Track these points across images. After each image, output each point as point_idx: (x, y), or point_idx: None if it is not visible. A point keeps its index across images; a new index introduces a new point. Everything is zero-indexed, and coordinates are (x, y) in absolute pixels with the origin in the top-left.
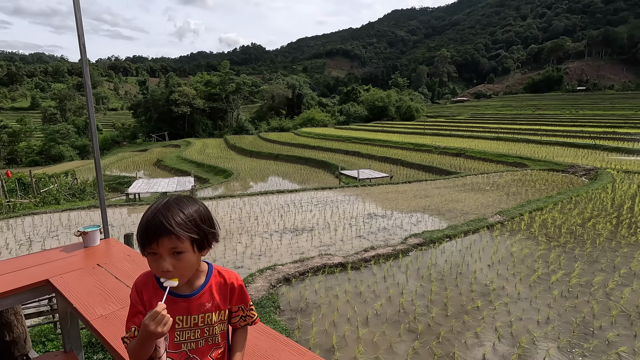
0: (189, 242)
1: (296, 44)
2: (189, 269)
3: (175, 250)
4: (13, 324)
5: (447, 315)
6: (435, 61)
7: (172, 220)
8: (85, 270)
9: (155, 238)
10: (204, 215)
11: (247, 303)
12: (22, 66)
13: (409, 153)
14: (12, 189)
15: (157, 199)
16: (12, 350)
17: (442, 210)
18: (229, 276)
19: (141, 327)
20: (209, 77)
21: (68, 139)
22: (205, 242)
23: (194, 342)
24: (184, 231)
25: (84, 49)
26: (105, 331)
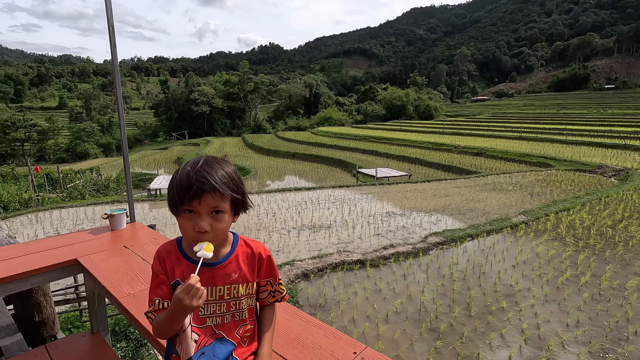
0: (229, 202)
1: (314, 44)
2: (224, 233)
3: (215, 209)
4: (42, 305)
5: (471, 315)
6: (455, 59)
7: (217, 176)
8: (113, 251)
9: (198, 194)
10: (239, 176)
11: (276, 277)
12: (51, 67)
13: (427, 152)
14: (41, 184)
15: (190, 159)
16: (41, 331)
17: (462, 209)
18: (256, 246)
19: (173, 301)
20: (227, 76)
21: (93, 137)
22: (241, 206)
23: (220, 317)
24: (228, 189)
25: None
26: (134, 309)
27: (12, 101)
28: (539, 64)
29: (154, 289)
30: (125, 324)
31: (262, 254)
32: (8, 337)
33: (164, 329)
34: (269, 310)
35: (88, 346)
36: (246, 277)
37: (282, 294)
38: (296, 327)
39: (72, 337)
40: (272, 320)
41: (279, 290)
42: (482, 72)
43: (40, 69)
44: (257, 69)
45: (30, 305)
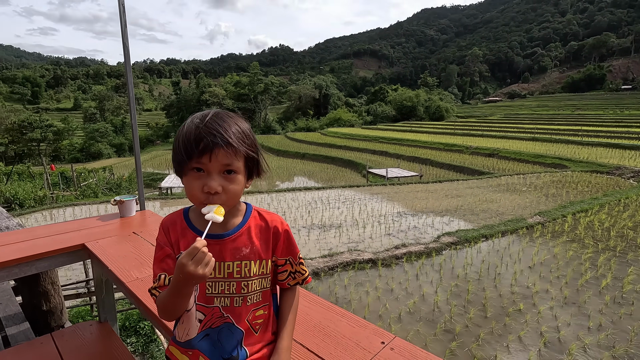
0: (243, 161)
1: (324, 45)
2: (236, 196)
3: (227, 168)
4: (50, 294)
5: (487, 317)
6: (467, 60)
7: (230, 130)
8: (121, 237)
9: (208, 148)
10: (255, 136)
11: (296, 255)
12: (67, 70)
13: (438, 153)
14: (56, 182)
15: (197, 113)
16: (49, 320)
17: (475, 210)
18: (272, 219)
19: (176, 269)
20: (238, 78)
21: (106, 138)
22: (255, 167)
23: (228, 298)
24: (244, 145)
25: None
26: (142, 293)
27: (29, 102)
28: (553, 64)
29: (158, 262)
30: (135, 319)
31: (278, 227)
32: (15, 326)
33: (169, 305)
34: (290, 295)
35: (95, 335)
36: (259, 253)
37: (303, 275)
38: (316, 314)
39: (79, 325)
40: (294, 307)
41: (300, 271)
42: (493, 72)
43: (56, 71)
44: (267, 70)
45: (38, 293)
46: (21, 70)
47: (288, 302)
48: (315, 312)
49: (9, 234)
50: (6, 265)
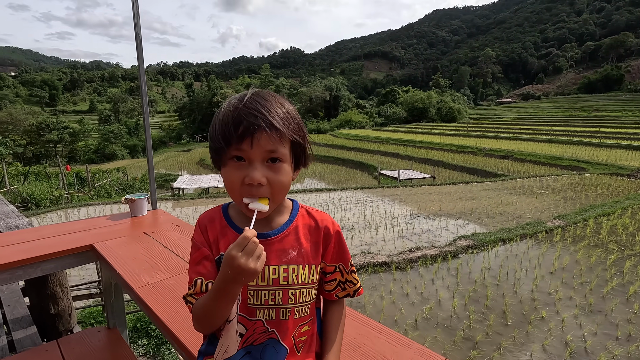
0: (289, 147)
1: (334, 47)
2: (284, 189)
3: (272, 156)
4: (58, 296)
5: (507, 324)
6: (479, 61)
7: (274, 111)
8: (132, 237)
9: (249, 132)
10: (301, 119)
11: (348, 261)
12: (83, 73)
13: (451, 155)
14: (71, 182)
15: (237, 94)
16: (57, 324)
17: (491, 213)
18: (322, 217)
19: (224, 263)
20: (249, 80)
21: (120, 139)
22: (302, 155)
23: (274, 310)
24: (288, 128)
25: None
26: (152, 300)
27: (47, 105)
28: (568, 65)
29: (194, 265)
30: (147, 320)
31: (329, 227)
32: (22, 330)
33: (210, 312)
34: (337, 309)
35: (103, 342)
36: (308, 256)
37: (355, 286)
38: (350, 329)
39: (87, 331)
40: (341, 324)
41: (352, 281)
42: (507, 74)
43: (73, 75)
44: (278, 72)
45: (46, 295)
46: (40, 73)
47: (335, 318)
48: (349, 325)
49: (14, 233)
50: (9, 267)
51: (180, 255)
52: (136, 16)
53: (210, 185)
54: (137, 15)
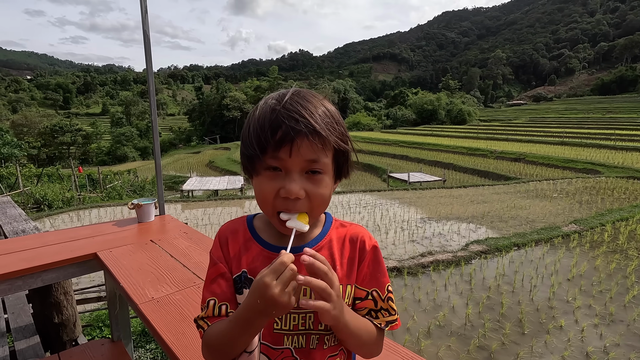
0: (332, 156)
1: (343, 49)
2: (323, 205)
3: (313, 167)
4: (62, 305)
5: (524, 333)
6: (489, 63)
7: (317, 114)
8: (138, 245)
9: (289, 138)
10: (344, 123)
11: (384, 286)
12: (96, 76)
13: (461, 157)
14: (83, 184)
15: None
16: (61, 334)
17: (504, 217)
18: (357, 231)
19: (252, 291)
20: (258, 82)
21: (131, 141)
22: (345, 165)
23: (304, 337)
24: (332, 134)
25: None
26: (156, 318)
27: (61, 108)
28: (581, 66)
29: (209, 283)
30: None
31: (365, 241)
32: (25, 340)
33: (226, 343)
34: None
35: (106, 356)
36: (343, 274)
37: (391, 317)
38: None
39: (90, 344)
40: (368, 334)
41: (389, 310)
42: (518, 75)
43: (86, 78)
44: (287, 75)
45: (50, 304)
46: (54, 77)
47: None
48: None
49: (16, 240)
50: (8, 278)
51: (188, 266)
52: (144, 15)
53: (219, 187)
54: (145, 14)
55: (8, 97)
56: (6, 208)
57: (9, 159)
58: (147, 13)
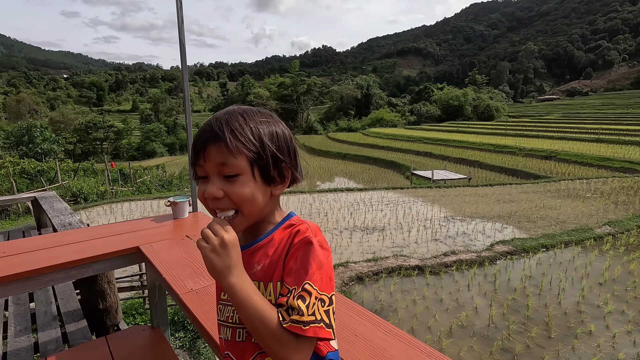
0: (246, 160)
1: (366, 44)
2: (244, 201)
3: (225, 169)
4: (106, 293)
5: (551, 337)
6: (520, 56)
7: (228, 125)
8: (174, 240)
9: (201, 147)
10: (276, 135)
11: (302, 282)
12: (127, 74)
13: (488, 155)
14: (115, 178)
15: None
16: (105, 319)
17: (532, 217)
18: (298, 227)
19: None
20: (282, 79)
21: (160, 137)
22: (272, 170)
23: (230, 329)
24: (238, 141)
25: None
26: (196, 307)
27: (94, 105)
28: (620, 58)
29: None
30: (183, 314)
31: (297, 236)
32: (74, 323)
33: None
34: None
35: (147, 341)
36: (268, 272)
37: (300, 317)
38: (396, 350)
39: (132, 329)
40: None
41: (295, 308)
42: (550, 69)
43: (117, 76)
44: (310, 71)
45: (95, 292)
46: (88, 75)
47: None
48: (394, 347)
49: (68, 233)
50: (65, 267)
51: None
52: (180, 23)
53: None
54: (181, 13)
55: (47, 95)
56: (53, 202)
57: (48, 154)
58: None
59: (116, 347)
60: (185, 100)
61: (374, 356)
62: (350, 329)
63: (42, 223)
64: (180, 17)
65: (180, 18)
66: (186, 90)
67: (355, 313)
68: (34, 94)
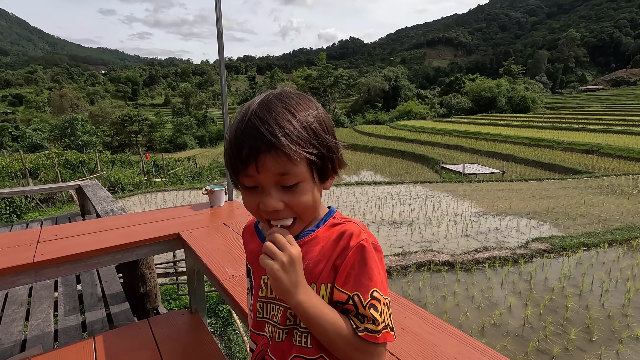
0: (306, 164)
1: (395, 35)
2: (307, 208)
3: (284, 180)
4: (147, 277)
5: (592, 340)
6: (560, 44)
7: (279, 126)
8: (212, 228)
9: (252, 157)
10: (325, 121)
11: (369, 290)
12: (160, 69)
13: (523, 148)
14: (149, 169)
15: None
16: (145, 303)
17: (571, 214)
18: (346, 227)
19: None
20: (309, 71)
21: (190, 130)
22: (329, 165)
23: (274, 328)
24: (297, 145)
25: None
26: (237, 293)
27: (130, 99)
28: None
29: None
30: (214, 301)
31: (351, 239)
32: (117, 305)
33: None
34: None
35: (187, 325)
36: (318, 272)
37: (374, 326)
38: (448, 347)
39: (172, 313)
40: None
41: (369, 317)
42: (594, 57)
43: (151, 71)
44: (337, 63)
45: (137, 276)
46: (124, 71)
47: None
48: (444, 342)
49: (112, 219)
50: (111, 251)
51: None
52: (218, 11)
53: None
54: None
55: (87, 90)
56: (96, 190)
57: (88, 145)
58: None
59: (158, 330)
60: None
61: (424, 351)
62: (397, 323)
63: (86, 210)
64: (218, 5)
65: (218, 7)
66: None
67: (400, 306)
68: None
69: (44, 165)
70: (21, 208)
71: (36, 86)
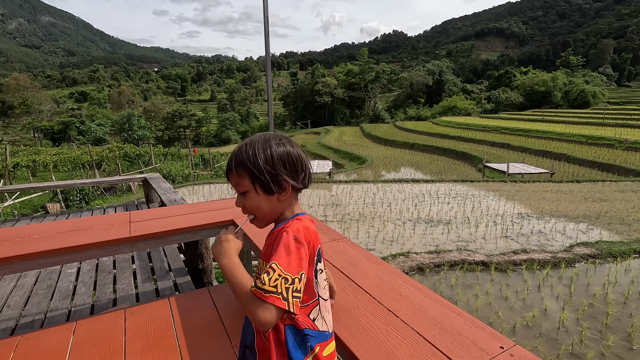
0: (248, 180)
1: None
2: (260, 212)
3: (239, 190)
4: (204, 256)
5: (632, 349)
6: (629, 32)
7: (237, 156)
8: None
9: (227, 173)
10: (276, 156)
11: (269, 261)
12: (206, 66)
13: (578, 147)
14: (197, 163)
15: None
16: (202, 277)
17: (627, 219)
18: (287, 225)
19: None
20: (351, 66)
21: (234, 125)
22: (271, 184)
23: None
24: (240, 167)
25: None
26: None
27: (179, 95)
28: None
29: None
30: None
31: (280, 231)
32: (181, 277)
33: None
34: None
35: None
36: (267, 254)
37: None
38: (432, 309)
39: (226, 285)
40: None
41: (261, 279)
42: None
43: (198, 68)
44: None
45: (197, 254)
46: (174, 68)
47: None
48: (430, 306)
49: (177, 207)
50: (182, 231)
51: None
52: (266, 11)
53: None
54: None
55: (141, 87)
56: (159, 182)
57: (142, 139)
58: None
59: (215, 296)
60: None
61: (414, 311)
62: (397, 291)
63: (150, 199)
64: (266, 14)
65: (266, 15)
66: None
67: (402, 280)
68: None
69: (107, 157)
70: (89, 196)
71: (98, 84)
